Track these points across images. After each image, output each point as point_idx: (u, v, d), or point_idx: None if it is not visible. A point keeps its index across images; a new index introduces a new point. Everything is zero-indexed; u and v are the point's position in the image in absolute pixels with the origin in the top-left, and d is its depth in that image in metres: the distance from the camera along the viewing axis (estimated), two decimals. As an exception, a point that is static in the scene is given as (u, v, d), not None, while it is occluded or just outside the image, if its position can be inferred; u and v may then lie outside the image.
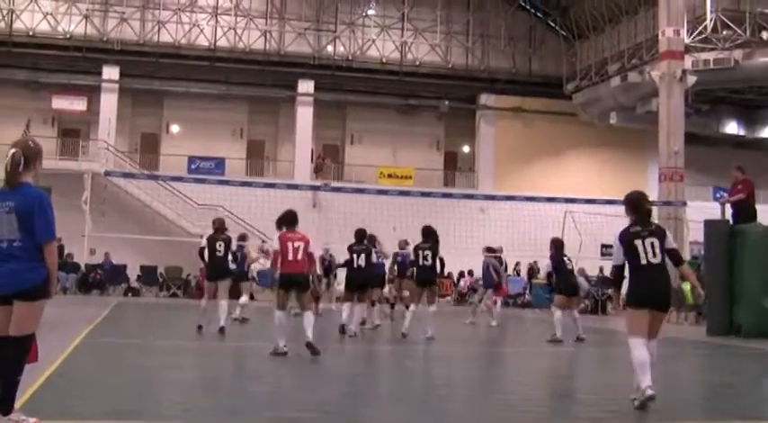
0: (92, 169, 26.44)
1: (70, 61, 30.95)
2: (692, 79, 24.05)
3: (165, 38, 31.47)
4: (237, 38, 32.09)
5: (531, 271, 27.35)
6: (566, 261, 13.42)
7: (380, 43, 33.33)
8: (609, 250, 12.34)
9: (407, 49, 33.62)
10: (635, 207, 6.75)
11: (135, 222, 28.11)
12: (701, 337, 14.74)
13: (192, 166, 31.03)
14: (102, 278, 26.13)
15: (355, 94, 33.67)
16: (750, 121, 33.30)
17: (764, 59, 26.98)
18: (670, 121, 23.51)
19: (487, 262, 17.64)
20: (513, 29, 34.45)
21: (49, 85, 30.98)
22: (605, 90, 31.38)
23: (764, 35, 27.22)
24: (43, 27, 30.70)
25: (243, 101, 33.48)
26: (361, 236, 13.24)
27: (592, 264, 24.34)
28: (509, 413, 6.55)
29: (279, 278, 9.90)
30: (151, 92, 32.31)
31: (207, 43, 31.88)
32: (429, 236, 12.96)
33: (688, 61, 25.02)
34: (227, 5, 32.32)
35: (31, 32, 30.52)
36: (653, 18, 27.79)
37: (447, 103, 33.89)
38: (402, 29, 33.65)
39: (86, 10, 31.03)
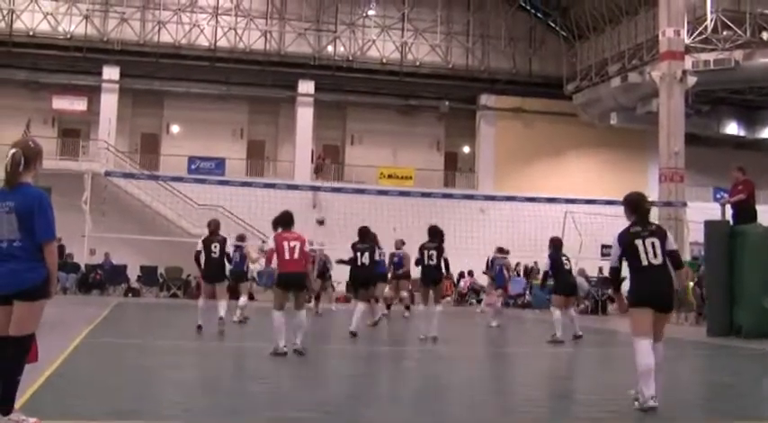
0: (92, 169, 26.40)
1: (70, 61, 30.96)
2: (692, 80, 24.08)
3: (166, 38, 31.49)
4: (238, 38, 32.10)
5: (531, 271, 27.34)
6: (564, 261, 13.41)
7: (381, 44, 33.34)
8: (609, 251, 12.31)
9: (408, 49, 33.62)
10: (634, 207, 6.73)
11: (135, 222, 28.08)
12: (701, 337, 14.73)
13: (193, 166, 31.02)
14: (103, 278, 26.11)
15: (355, 94, 33.66)
16: (750, 122, 33.29)
17: (765, 60, 26.97)
18: (670, 122, 23.53)
19: (500, 262, 17.64)
20: (513, 29, 34.46)
21: (49, 86, 30.98)
22: (605, 90, 31.37)
23: (765, 36, 27.19)
24: (43, 27, 30.72)
25: (243, 101, 33.48)
26: (365, 234, 13.32)
27: (592, 264, 24.37)
28: (509, 413, 6.56)
29: (277, 278, 9.93)
30: (151, 92, 32.31)
31: (207, 43, 31.89)
32: (435, 235, 12.98)
33: (688, 62, 25.03)
34: (227, 6, 32.33)
35: (31, 32, 30.54)
36: (653, 18, 27.78)
37: (447, 103, 33.87)
38: (402, 29, 33.66)
39: (87, 10, 31.06)
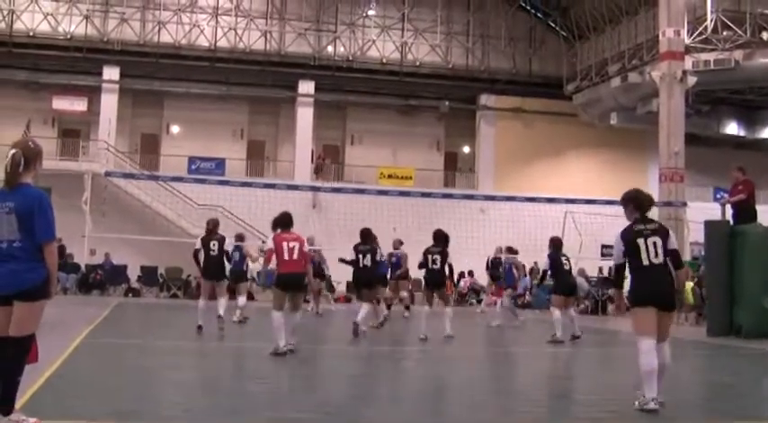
0: (92, 170, 26.40)
1: (70, 62, 30.95)
2: (692, 80, 24.08)
3: (166, 38, 31.48)
4: (238, 38, 32.09)
5: (531, 271, 27.30)
6: (564, 261, 13.41)
7: (381, 44, 33.33)
8: (609, 251, 12.35)
9: (408, 49, 33.61)
10: (637, 203, 6.63)
11: (135, 223, 28.08)
12: (701, 337, 14.75)
13: (193, 166, 31.01)
14: (103, 278, 26.11)
15: (355, 94, 33.65)
16: (750, 122, 33.28)
17: (765, 60, 26.95)
18: (670, 122, 23.54)
19: (509, 261, 17.66)
20: (513, 29, 34.45)
21: (49, 86, 30.97)
22: (605, 90, 31.36)
23: (765, 36, 27.17)
24: (44, 27, 30.71)
25: (243, 101, 33.47)
26: (367, 236, 13.34)
27: (592, 264, 24.39)
28: (509, 413, 6.55)
29: (276, 278, 9.94)
30: (151, 92, 32.30)
31: (207, 44, 31.88)
32: (440, 240, 13.00)
33: (688, 62, 25.04)
34: (227, 6, 32.32)
35: (31, 33, 30.53)
36: (653, 18, 27.78)
37: (447, 103, 33.85)
38: (402, 29, 33.65)
39: (87, 10, 31.04)
